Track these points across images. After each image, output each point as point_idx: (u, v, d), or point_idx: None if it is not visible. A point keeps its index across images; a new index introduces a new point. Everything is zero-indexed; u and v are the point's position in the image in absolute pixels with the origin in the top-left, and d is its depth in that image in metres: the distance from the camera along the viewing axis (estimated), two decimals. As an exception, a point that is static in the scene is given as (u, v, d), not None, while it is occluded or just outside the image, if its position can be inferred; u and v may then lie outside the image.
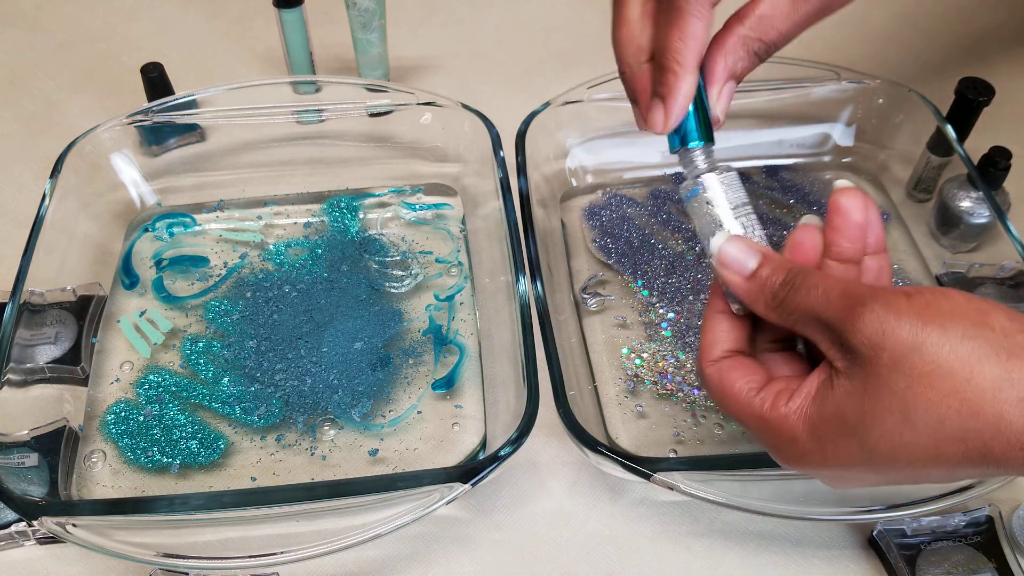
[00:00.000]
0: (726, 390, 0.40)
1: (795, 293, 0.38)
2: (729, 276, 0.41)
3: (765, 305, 0.39)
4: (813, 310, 0.37)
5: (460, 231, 0.67)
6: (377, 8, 0.72)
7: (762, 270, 0.39)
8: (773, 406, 0.38)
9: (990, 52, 0.83)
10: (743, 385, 0.39)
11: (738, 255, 0.41)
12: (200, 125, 0.71)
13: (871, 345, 0.34)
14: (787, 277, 0.38)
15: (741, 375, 0.40)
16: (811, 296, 0.37)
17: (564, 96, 0.66)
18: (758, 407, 0.38)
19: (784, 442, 0.38)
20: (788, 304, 0.38)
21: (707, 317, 0.42)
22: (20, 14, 0.87)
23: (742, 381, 0.40)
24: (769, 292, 0.39)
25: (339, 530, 0.46)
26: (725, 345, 0.41)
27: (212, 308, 0.62)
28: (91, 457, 0.55)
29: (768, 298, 0.39)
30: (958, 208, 0.64)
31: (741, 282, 0.40)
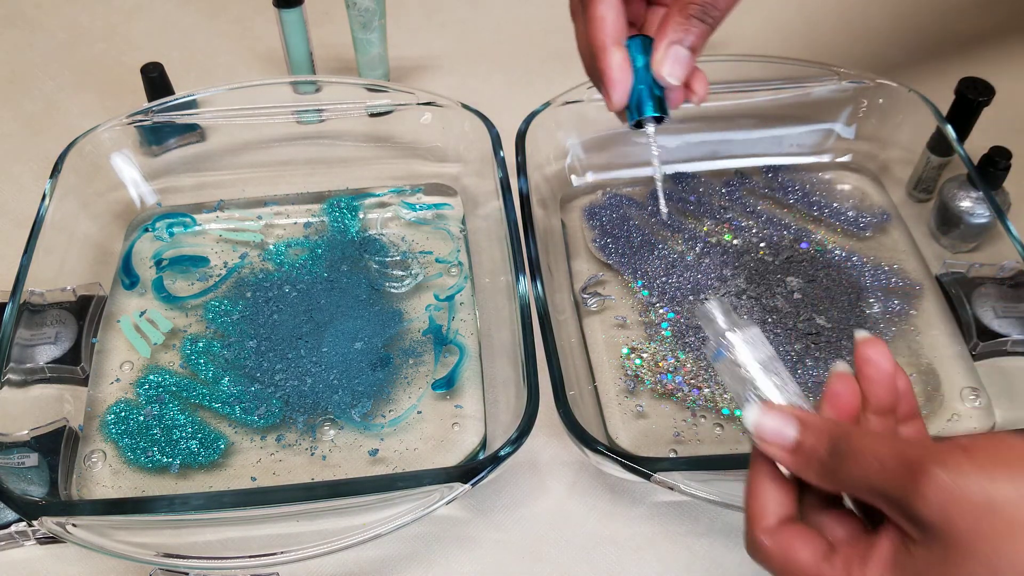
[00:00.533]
0: (791, 563, 0.37)
1: (846, 463, 0.35)
2: (772, 451, 0.38)
3: (817, 476, 0.37)
4: (869, 482, 0.34)
5: (460, 231, 0.67)
6: (377, 8, 0.72)
7: (804, 439, 0.37)
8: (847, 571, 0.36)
9: (990, 52, 0.83)
10: (808, 556, 0.37)
11: (776, 427, 0.38)
12: (200, 125, 0.71)
13: (943, 516, 0.32)
14: (832, 445, 0.36)
15: (803, 545, 0.37)
16: (864, 466, 0.35)
17: (564, 96, 0.66)
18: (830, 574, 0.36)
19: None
20: (840, 475, 0.35)
21: (753, 481, 0.39)
22: (20, 14, 0.87)
23: (806, 552, 0.37)
24: (816, 463, 0.36)
25: (339, 530, 0.46)
26: (778, 512, 0.39)
27: (212, 308, 0.62)
28: (91, 457, 0.55)
29: (817, 469, 0.36)
30: (958, 208, 0.64)
31: (786, 456, 0.38)
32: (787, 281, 0.62)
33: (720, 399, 0.57)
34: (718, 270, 0.63)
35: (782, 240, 0.65)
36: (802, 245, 0.65)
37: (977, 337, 0.59)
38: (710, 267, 0.64)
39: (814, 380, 0.57)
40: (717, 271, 0.63)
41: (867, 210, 0.68)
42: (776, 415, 0.38)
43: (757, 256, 0.64)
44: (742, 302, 0.61)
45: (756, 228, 0.66)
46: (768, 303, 0.61)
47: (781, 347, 0.59)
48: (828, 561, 0.37)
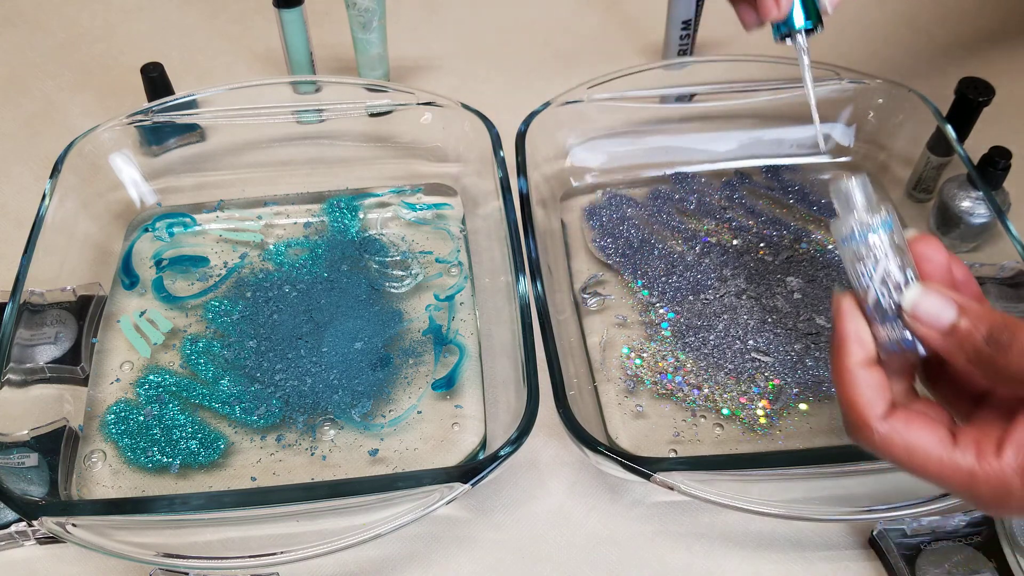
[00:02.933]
0: (914, 448, 0.36)
1: (1006, 353, 0.35)
2: (924, 331, 0.37)
3: (967, 360, 0.36)
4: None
5: (460, 231, 0.67)
6: (377, 8, 0.72)
7: (962, 323, 0.36)
8: (981, 457, 0.35)
9: (990, 52, 0.83)
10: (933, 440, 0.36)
11: (935, 308, 0.37)
12: (200, 125, 0.71)
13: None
14: (990, 333, 0.35)
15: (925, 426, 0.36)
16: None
17: (564, 96, 0.66)
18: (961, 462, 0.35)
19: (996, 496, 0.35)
20: (996, 363, 0.35)
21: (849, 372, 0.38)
22: (20, 14, 0.87)
23: (929, 436, 0.36)
24: (971, 348, 0.36)
25: (339, 530, 0.46)
26: (885, 398, 0.37)
27: (212, 308, 0.62)
28: (91, 457, 0.55)
29: (971, 353, 0.36)
30: (958, 208, 0.64)
31: (937, 337, 0.37)
32: (787, 281, 0.62)
33: (720, 399, 0.57)
34: (718, 270, 0.63)
35: (782, 240, 0.65)
36: (802, 245, 0.65)
37: (977, 337, 0.59)
38: (710, 267, 0.64)
39: (814, 380, 0.57)
40: (717, 271, 0.63)
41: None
42: (937, 296, 0.37)
43: (757, 256, 0.64)
44: (742, 302, 0.61)
45: (756, 228, 0.66)
46: (768, 303, 0.61)
47: (781, 347, 0.59)
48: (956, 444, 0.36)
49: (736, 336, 0.59)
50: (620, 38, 0.85)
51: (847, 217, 0.39)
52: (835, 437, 0.55)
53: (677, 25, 0.76)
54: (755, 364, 0.58)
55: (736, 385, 0.57)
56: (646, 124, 0.71)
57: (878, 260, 0.38)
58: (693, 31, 0.77)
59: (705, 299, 0.62)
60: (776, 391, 0.57)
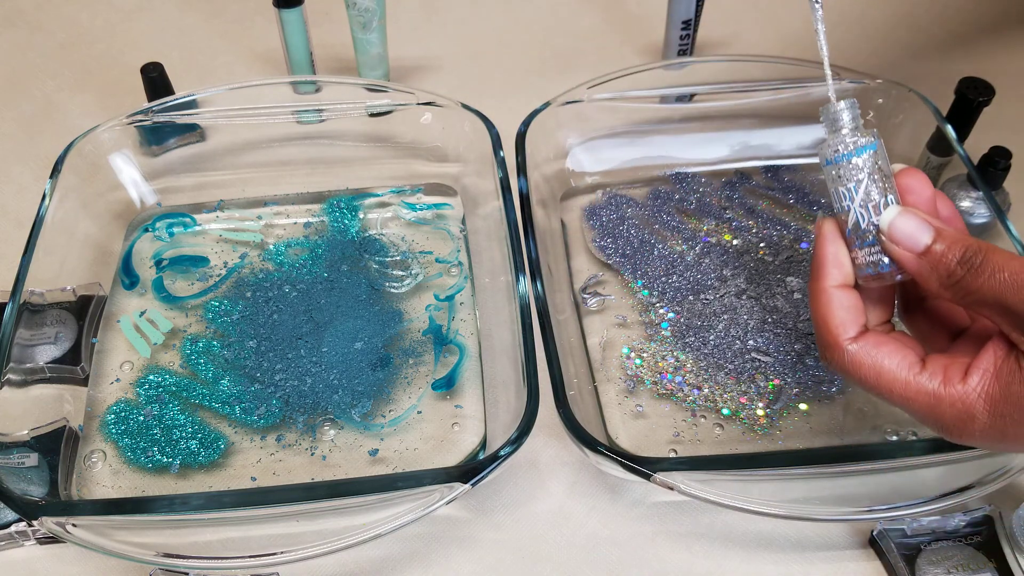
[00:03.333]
0: (883, 369, 0.37)
1: (976, 275, 0.35)
2: (899, 253, 0.38)
3: (939, 283, 0.37)
4: (997, 294, 0.35)
5: (460, 231, 0.67)
6: (377, 8, 0.72)
7: (936, 246, 0.37)
8: (947, 382, 0.36)
9: (990, 52, 0.83)
10: (901, 363, 0.37)
11: (912, 228, 0.38)
12: (200, 125, 0.71)
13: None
14: (965, 255, 0.36)
15: (895, 350, 0.37)
16: (996, 280, 0.35)
17: (564, 96, 0.66)
18: (927, 385, 0.36)
19: (959, 420, 0.36)
20: (967, 285, 0.36)
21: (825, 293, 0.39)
22: (20, 14, 0.87)
23: (898, 358, 0.37)
24: (944, 270, 0.36)
25: (339, 530, 0.46)
26: (859, 320, 0.38)
27: (212, 308, 0.62)
28: (91, 457, 0.55)
29: (943, 276, 0.36)
30: (958, 208, 0.64)
31: (911, 259, 0.37)
32: (787, 281, 0.62)
33: (720, 399, 0.57)
34: (718, 270, 0.63)
35: (782, 240, 0.65)
36: (802, 245, 0.65)
37: (977, 337, 0.59)
38: (710, 267, 0.64)
39: (814, 380, 0.57)
40: (717, 271, 0.63)
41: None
42: (914, 218, 0.38)
43: (757, 256, 0.64)
44: (742, 302, 0.61)
45: (756, 228, 0.66)
46: (768, 303, 0.61)
47: (781, 347, 0.59)
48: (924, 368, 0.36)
49: (736, 336, 0.59)
50: (620, 38, 0.85)
51: (833, 138, 0.39)
52: (835, 437, 0.55)
53: (677, 25, 0.76)
54: (755, 364, 0.58)
55: (736, 385, 0.57)
56: (646, 124, 0.71)
57: (860, 182, 0.38)
58: (693, 31, 0.77)
59: (705, 299, 0.62)
60: (776, 391, 0.57)
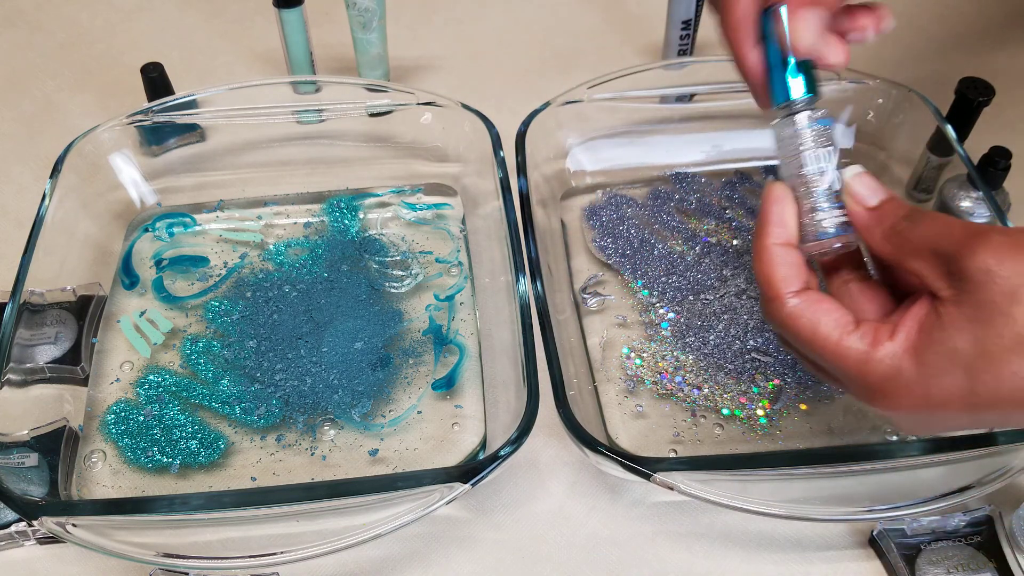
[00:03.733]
0: (817, 328, 0.38)
1: (916, 225, 0.38)
2: (853, 205, 0.41)
3: (882, 234, 0.39)
4: (932, 239, 0.37)
5: (460, 231, 0.67)
6: (377, 8, 0.72)
7: (887, 201, 0.40)
8: (876, 341, 0.37)
9: (990, 52, 0.83)
10: (839, 320, 0.38)
11: (869, 186, 0.41)
12: (200, 125, 0.71)
13: (986, 270, 0.34)
14: (908, 212, 0.39)
15: (833, 308, 0.39)
16: (932, 227, 0.37)
17: (564, 96, 0.66)
18: (857, 344, 0.37)
19: (886, 377, 0.37)
20: (906, 233, 0.38)
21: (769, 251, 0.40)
22: (20, 14, 0.87)
23: (836, 315, 0.38)
24: (889, 222, 0.39)
25: (339, 530, 0.46)
26: (801, 277, 0.40)
27: (212, 308, 0.62)
28: (91, 457, 0.55)
29: (887, 228, 0.39)
30: (958, 208, 0.64)
31: (862, 212, 0.41)
32: (787, 281, 0.62)
33: (720, 399, 0.57)
34: (718, 270, 0.63)
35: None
36: (802, 245, 0.65)
37: (977, 337, 0.59)
38: (710, 267, 0.64)
39: (814, 380, 0.57)
40: (717, 271, 0.63)
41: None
42: (873, 180, 0.42)
43: (757, 256, 0.64)
44: (742, 302, 0.61)
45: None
46: (768, 303, 0.61)
47: (781, 347, 0.59)
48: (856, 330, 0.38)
49: (736, 336, 0.59)
50: (620, 38, 0.85)
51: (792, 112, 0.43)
52: (835, 437, 0.55)
53: (677, 25, 0.76)
54: (755, 364, 0.58)
55: (736, 385, 0.57)
56: (646, 124, 0.71)
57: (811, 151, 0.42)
58: (693, 31, 0.77)
59: (705, 299, 0.62)
60: (776, 391, 0.57)
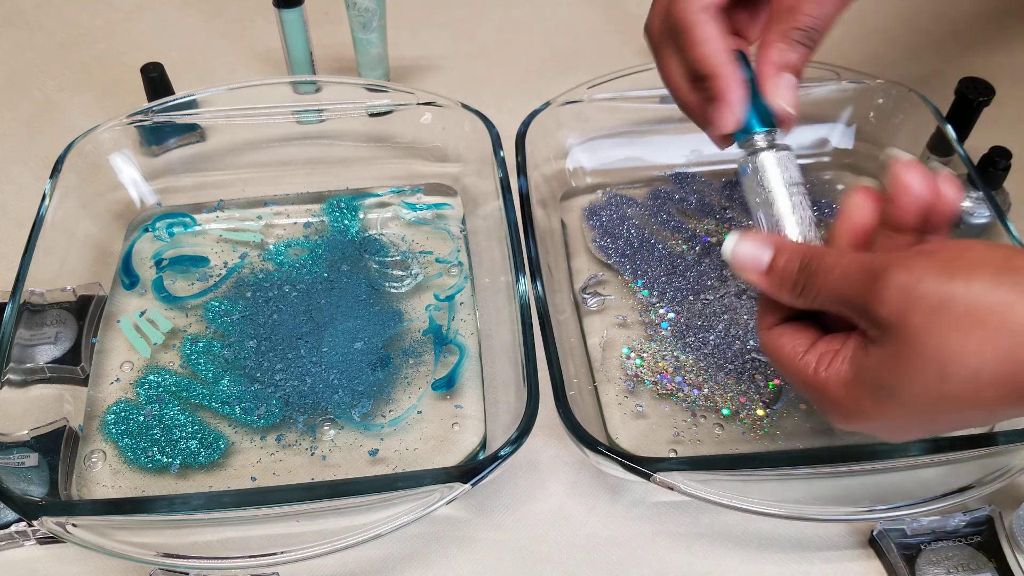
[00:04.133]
0: (777, 357, 0.41)
1: (814, 278, 0.38)
2: (748, 276, 0.41)
3: (789, 294, 0.40)
4: (834, 292, 0.38)
5: (460, 231, 0.67)
6: (377, 8, 0.72)
7: (777, 261, 0.40)
8: (815, 371, 0.39)
9: (990, 52, 0.83)
10: (790, 350, 0.41)
11: (751, 252, 0.41)
12: (200, 125, 0.71)
13: (898, 314, 0.35)
14: (803, 263, 0.39)
15: (789, 340, 0.41)
16: (830, 279, 0.38)
17: (564, 96, 0.66)
18: (803, 371, 0.40)
19: (830, 404, 0.39)
20: (809, 289, 0.39)
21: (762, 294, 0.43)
22: (20, 14, 0.87)
23: (789, 347, 0.41)
24: (788, 281, 0.40)
25: (339, 530, 0.46)
26: (778, 314, 0.42)
27: (212, 308, 0.62)
28: (91, 457, 0.55)
29: (789, 287, 0.40)
30: (958, 208, 0.64)
31: (761, 278, 0.41)
32: (787, 281, 0.62)
33: (720, 399, 0.57)
34: (718, 270, 0.63)
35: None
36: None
37: (977, 337, 0.59)
38: (710, 267, 0.64)
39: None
40: (717, 271, 0.63)
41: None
42: (751, 241, 0.42)
43: (757, 256, 0.64)
44: (742, 302, 0.61)
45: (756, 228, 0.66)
46: (768, 303, 0.61)
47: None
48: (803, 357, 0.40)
49: (736, 336, 0.59)
50: (620, 38, 0.85)
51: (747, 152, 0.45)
52: (835, 437, 0.55)
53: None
54: (755, 364, 0.58)
55: (736, 385, 0.57)
56: (646, 124, 0.71)
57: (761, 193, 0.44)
58: (693, 31, 0.77)
59: (705, 299, 0.62)
60: (776, 391, 0.57)
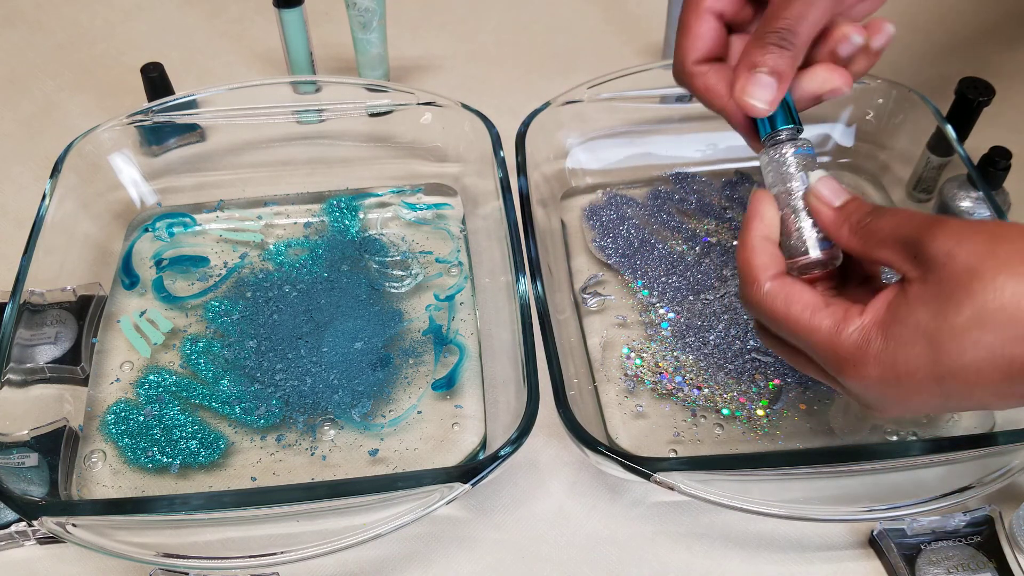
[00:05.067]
0: (790, 307, 0.41)
1: (879, 218, 0.41)
2: (820, 205, 0.43)
3: (849, 230, 0.42)
4: (896, 229, 0.39)
5: (460, 231, 0.67)
6: (377, 8, 0.72)
7: (851, 200, 0.43)
8: (845, 317, 0.40)
9: (990, 52, 0.83)
10: (810, 299, 0.41)
11: (831, 192, 0.43)
12: (200, 125, 0.71)
13: (947, 251, 0.37)
14: (872, 208, 0.41)
15: (805, 290, 0.42)
16: (895, 219, 0.40)
17: (564, 96, 0.66)
18: (827, 320, 0.40)
19: (853, 348, 0.39)
20: (871, 226, 0.41)
21: (750, 241, 0.44)
22: (20, 14, 0.87)
23: (808, 296, 0.41)
24: (855, 218, 0.41)
25: (339, 530, 0.46)
26: (778, 265, 0.43)
27: (212, 308, 0.62)
28: (91, 457, 0.55)
29: (853, 223, 0.41)
30: (958, 208, 0.64)
31: (829, 212, 0.43)
32: (787, 281, 0.62)
33: (720, 399, 0.57)
34: (718, 270, 0.63)
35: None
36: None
37: (977, 337, 0.59)
38: (710, 267, 0.64)
39: (814, 380, 0.57)
40: (717, 271, 0.63)
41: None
42: (836, 184, 0.44)
43: (757, 256, 0.64)
44: (742, 302, 0.61)
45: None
46: (768, 303, 0.61)
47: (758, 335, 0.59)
48: (827, 307, 0.41)
49: (736, 336, 0.59)
50: (620, 38, 0.85)
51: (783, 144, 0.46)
52: (835, 437, 0.55)
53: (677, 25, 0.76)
54: (755, 364, 0.58)
55: (736, 385, 0.57)
56: (646, 124, 0.71)
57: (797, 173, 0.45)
58: (693, 31, 0.77)
59: (705, 299, 0.62)
60: (776, 391, 0.57)
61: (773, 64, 0.46)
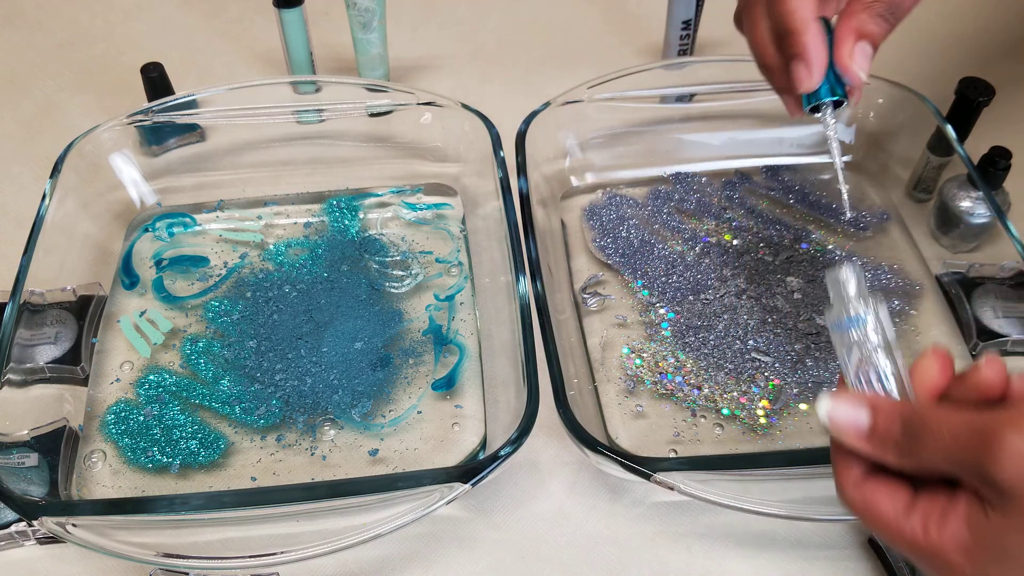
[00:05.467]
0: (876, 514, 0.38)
1: (920, 443, 0.36)
2: (849, 440, 0.38)
3: (895, 457, 0.37)
4: (946, 455, 0.35)
5: (460, 231, 0.67)
6: (377, 8, 0.72)
7: (878, 423, 0.37)
8: (926, 533, 0.36)
9: (990, 52, 0.83)
10: (890, 508, 0.37)
11: (849, 414, 0.38)
12: (200, 125, 0.71)
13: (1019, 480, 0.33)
14: (905, 425, 0.37)
15: (885, 498, 0.38)
16: (939, 443, 0.35)
17: (564, 96, 0.66)
18: (910, 534, 0.37)
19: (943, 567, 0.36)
20: (917, 454, 0.36)
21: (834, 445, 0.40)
22: (20, 14, 0.87)
23: (888, 503, 0.38)
24: (893, 445, 0.37)
25: (339, 530, 0.46)
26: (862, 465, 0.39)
27: (212, 308, 0.62)
28: (91, 457, 0.55)
29: (895, 452, 0.37)
30: (958, 208, 0.64)
31: (862, 443, 0.38)
32: (787, 281, 0.62)
33: (720, 399, 0.57)
34: (718, 270, 0.63)
35: (782, 240, 0.65)
36: (802, 246, 0.65)
37: (977, 337, 0.59)
38: (710, 267, 0.64)
39: (814, 380, 0.57)
40: (717, 271, 0.63)
41: (867, 210, 0.68)
42: (848, 401, 0.38)
43: (757, 256, 0.64)
44: (742, 302, 0.61)
45: (756, 228, 0.66)
46: (768, 303, 0.61)
47: (781, 347, 0.59)
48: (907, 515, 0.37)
49: (736, 336, 0.59)
50: (620, 38, 0.85)
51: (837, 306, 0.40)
52: (835, 437, 0.55)
53: (677, 25, 0.76)
54: (755, 364, 0.58)
55: (736, 385, 0.57)
56: (646, 124, 0.71)
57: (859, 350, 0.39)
58: (693, 31, 0.77)
59: (705, 299, 0.62)
60: (776, 391, 0.57)
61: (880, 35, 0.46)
